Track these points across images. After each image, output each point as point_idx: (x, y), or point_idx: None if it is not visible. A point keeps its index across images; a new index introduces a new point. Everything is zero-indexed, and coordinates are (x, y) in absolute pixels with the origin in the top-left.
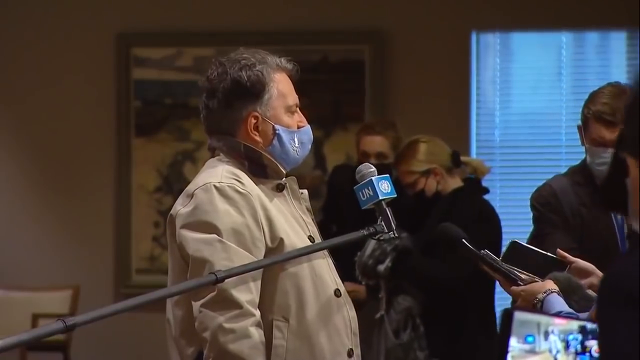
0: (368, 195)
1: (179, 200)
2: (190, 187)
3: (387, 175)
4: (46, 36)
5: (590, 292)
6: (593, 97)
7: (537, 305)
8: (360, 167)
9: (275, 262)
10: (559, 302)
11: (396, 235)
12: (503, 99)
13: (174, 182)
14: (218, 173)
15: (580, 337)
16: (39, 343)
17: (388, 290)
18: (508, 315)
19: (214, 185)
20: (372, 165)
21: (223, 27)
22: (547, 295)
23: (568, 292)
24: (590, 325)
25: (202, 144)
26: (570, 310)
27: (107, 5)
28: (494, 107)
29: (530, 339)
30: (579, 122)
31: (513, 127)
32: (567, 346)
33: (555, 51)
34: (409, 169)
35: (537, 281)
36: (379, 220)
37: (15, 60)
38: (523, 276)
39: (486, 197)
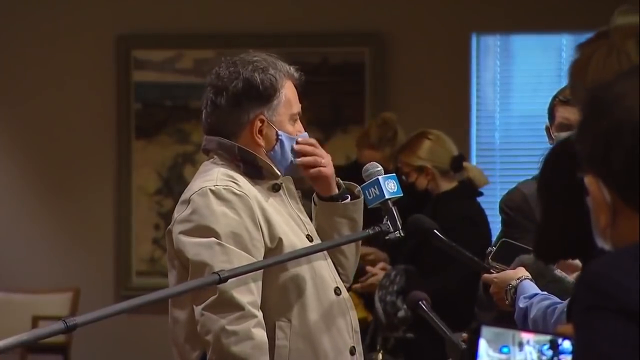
0: (374, 195)
1: (177, 209)
2: (186, 194)
3: (394, 174)
4: (46, 38)
5: (558, 272)
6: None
7: (510, 292)
8: (367, 165)
9: (280, 261)
10: (532, 288)
11: (402, 234)
12: (503, 102)
13: (174, 185)
14: (213, 176)
15: (551, 352)
16: (40, 344)
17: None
18: (475, 330)
19: (210, 189)
20: (378, 164)
21: (223, 29)
22: (521, 281)
23: (537, 274)
24: (560, 341)
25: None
26: (544, 293)
27: (107, 7)
28: (494, 109)
29: (505, 349)
30: (546, 123)
31: (513, 130)
32: (541, 357)
33: (555, 53)
34: (407, 161)
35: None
36: (384, 220)
37: (15, 62)
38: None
39: (486, 200)
